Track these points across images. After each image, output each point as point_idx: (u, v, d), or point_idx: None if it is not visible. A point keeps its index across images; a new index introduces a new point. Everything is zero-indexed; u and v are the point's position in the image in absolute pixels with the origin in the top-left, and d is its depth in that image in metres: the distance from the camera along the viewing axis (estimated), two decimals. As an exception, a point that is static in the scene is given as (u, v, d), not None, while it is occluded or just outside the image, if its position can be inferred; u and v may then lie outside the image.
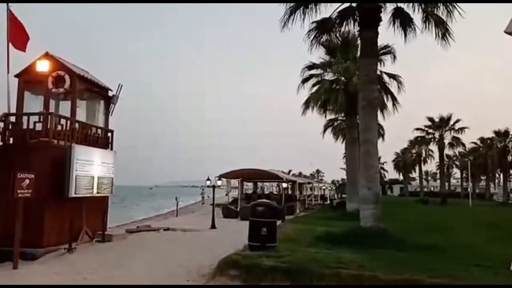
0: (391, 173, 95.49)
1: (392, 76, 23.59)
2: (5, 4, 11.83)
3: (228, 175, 23.62)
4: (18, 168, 9.50)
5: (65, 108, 12.58)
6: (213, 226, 16.55)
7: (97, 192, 12.21)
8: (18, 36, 12.12)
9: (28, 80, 12.07)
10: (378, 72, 20.07)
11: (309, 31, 13.92)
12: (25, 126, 11.42)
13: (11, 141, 11.45)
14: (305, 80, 25.07)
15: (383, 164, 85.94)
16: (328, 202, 38.88)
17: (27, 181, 9.37)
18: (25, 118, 11.55)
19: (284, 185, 24.59)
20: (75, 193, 11.08)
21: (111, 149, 13.80)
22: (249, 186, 34.67)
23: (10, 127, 11.47)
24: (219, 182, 21.16)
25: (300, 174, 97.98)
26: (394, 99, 24.91)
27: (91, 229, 12.34)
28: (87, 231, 12.14)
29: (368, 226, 11.51)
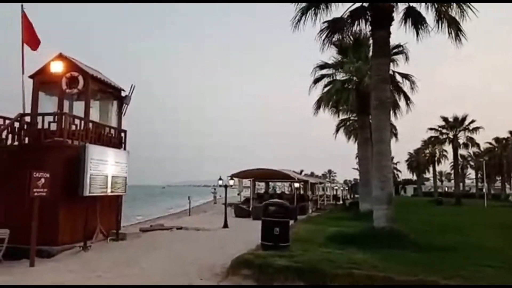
0: (405, 173, 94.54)
1: (405, 76, 23.34)
2: (19, 5, 12.01)
3: (240, 175, 23.65)
4: (33, 168, 9.68)
5: (78, 108, 12.72)
6: (225, 225, 16.59)
7: (111, 191, 12.36)
8: (32, 36, 12.27)
9: (42, 80, 12.24)
10: (391, 72, 19.87)
11: (321, 30, 13.82)
12: (40, 126, 11.61)
13: (26, 141, 11.62)
14: (316, 80, 24.92)
15: (396, 164, 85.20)
16: (341, 202, 38.67)
17: (42, 180, 9.54)
18: (39, 118, 11.73)
19: (296, 185, 24.50)
20: (89, 192, 11.24)
21: (124, 149, 13.94)
22: (261, 186, 34.68)
23: (25, 127, 11.65)
24: (231, 182, 21.21)
25: (312, 174, 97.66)
26: (407, 99, 24.66)
27: (106, 228, 12.51)
28: (102, 230, 12.31)
29: (381, 227, 11.40)
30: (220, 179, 20.87)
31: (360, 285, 6.73)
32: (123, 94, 14.11)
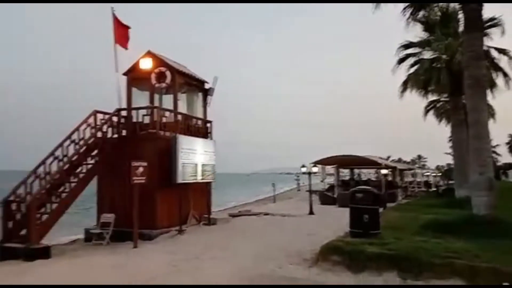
0: (505, 157, 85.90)
1: (502, 51, 21.09)
2: (109, 8, 12.80)
3: (324, 162, 23.29)
4: (132, 158, 10.54)
5: (167, 101, 13.45)
6: (311, 212, 16.57)
7: (201, 179, 13.01)
8: (122, 36, 13.02)
9: (134, 77, 13.12)
10: (485, 47, 18.06)
11: (404, 8, 13.04)
12: (134, 120, 12.51)
13: (124, 133, 12.55)
14: (401, 60, 23.49)
15: (495, 147, 77.82)
16: (433, 189, 36.47)
17: (141, 169, 10.33)
18: (134, 112, 12.64)
19: (384, 171, 23.53)
20: (182, 180, 11.93)
21: (211, 138, 14.49)
22: (344, 173, 33.89)
23: (121, 120, 12.59)
24: (314, 169, 20.93)
25: (399, 160, 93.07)
26: (505, 76, 22.32)
27: (198, 213, 13.25)
28: (194, 215, 13.05)
29: (481, 215, 10.56)
30: (303, 166, 20.69)
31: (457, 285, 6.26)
32: (206, 86, 14.63)
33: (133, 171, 10.15)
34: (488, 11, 14.30)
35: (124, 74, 13.11)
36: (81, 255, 9.19)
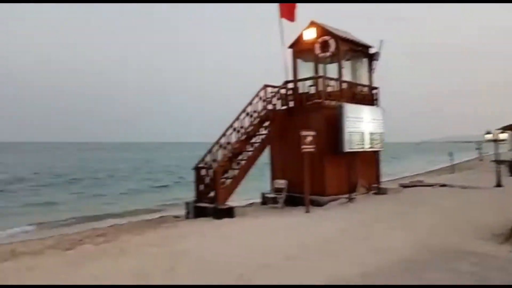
0: None
1: None
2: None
3: (514, 127, 20.06)
4: (300, 127, 10.92)
5: (331, 70, 13.34)
6: (498, 184, 14.57)
7: (369, 147, 12.70)
8: (288, 10, 13.07)
9: (299, 49, 13.37)
10: None
11: None
12: (301, 91, 12.81)
13: (291, 105, 12.96)
14: None
15: None
16: None
17: (309, 138, 10.66)
18: (300, 84, 12.95)
19: None
20: (349, 148, 11.86)
21: (378, 105, 13.90)
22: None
23: (289, 92, 13.01)
24: (502, 136, 18.15)
25: None
26: None
27: (366, 182, 13.02)
28: (363, 184, 12.87)
29: None
30: (488, 133, 18.13)
31: None
32: (371, 51, 13.97)
33: (302, 140, 10.53)
34: None
35: (290, 47, 13.44)
36: (260, 216, 10.09)
